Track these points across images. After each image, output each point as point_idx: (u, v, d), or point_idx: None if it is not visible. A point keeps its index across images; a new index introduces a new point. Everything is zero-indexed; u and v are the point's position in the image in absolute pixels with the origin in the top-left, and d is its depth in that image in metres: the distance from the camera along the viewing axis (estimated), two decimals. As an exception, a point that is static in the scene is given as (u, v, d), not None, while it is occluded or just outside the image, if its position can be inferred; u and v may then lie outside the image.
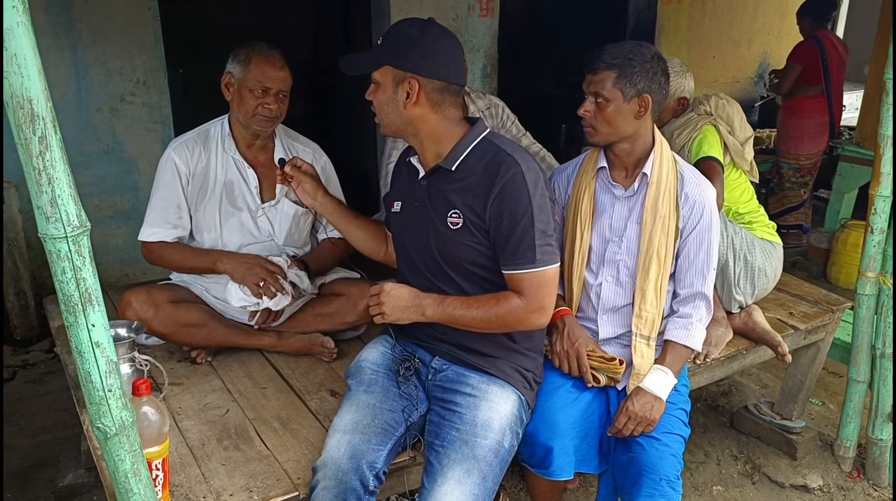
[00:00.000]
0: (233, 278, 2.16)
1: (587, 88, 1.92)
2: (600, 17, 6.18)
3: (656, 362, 1.97)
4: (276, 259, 2.20)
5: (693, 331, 1.98)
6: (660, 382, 1.91)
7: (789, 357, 2.44)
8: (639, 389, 1.91)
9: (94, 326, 1.18)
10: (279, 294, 2.15)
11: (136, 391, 1.47)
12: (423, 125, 1.72)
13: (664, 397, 1.90)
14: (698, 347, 2.02)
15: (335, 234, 2.42)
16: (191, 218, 2.24)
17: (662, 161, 1.96)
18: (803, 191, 4.95)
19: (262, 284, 2.13)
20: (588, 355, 1.97)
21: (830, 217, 4.75)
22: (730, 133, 2.54)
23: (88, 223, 1.16)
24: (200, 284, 2.29)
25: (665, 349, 1.99)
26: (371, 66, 1.71)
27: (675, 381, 1.94)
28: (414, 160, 1.82)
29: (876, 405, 2.62)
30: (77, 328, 1.18)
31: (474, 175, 1.71)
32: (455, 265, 1.77)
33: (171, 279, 2.35)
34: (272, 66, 2.11)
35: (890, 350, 2.52)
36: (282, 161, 2.04)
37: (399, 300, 1.74)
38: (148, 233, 2.23)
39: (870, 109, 4.31)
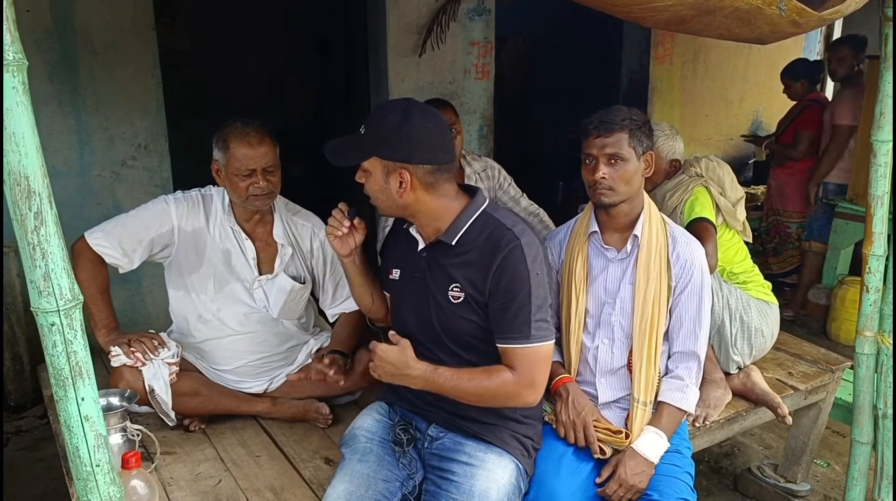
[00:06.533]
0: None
1: (599, 152, 1.93)
2: (594, 77, 6.33)
3: (651, 422, 1.95)
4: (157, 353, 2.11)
5: (688, 393, 1.98)
6: (654, 445, 1.90)
7: (789, 419, 2.41)
8: (633, 452, 1.88)
9: (83, 399, 1.18)
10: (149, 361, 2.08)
11: (125, 465, 1.46)
12: (421, 207, 1.72)
13: (656, 461, 1.88)
14: (692, 410, 2.01)
15: (340, 307, 2.40)
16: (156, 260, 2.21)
17: (652, 223, 2.00)
18: None
19: (132, 345, 2.08)
20: (594, 425, 1.95)
21: (828, 273, 4.73)
22: (721, 194, 2.56)
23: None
24: (193, 352, 2.27)
25: (660, 411, 1.97)
26: (359, 157, 1.70)
27: (668, 445, 1.92)
28: (413, 231, 1.81)
29: (880, 467, 2.56)
30: (66, 402, 1.17)
31: (475, 250, 1.71)
32: (456, 338, 1.76)
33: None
34: (249, 146, 2.08)
35: (892, 411, 2.49)
36: (351, 212, 1.86)
37: (389, 366, 1.68)
38: (96, 237, 2.11)
39: (861, 167, 4.35)
